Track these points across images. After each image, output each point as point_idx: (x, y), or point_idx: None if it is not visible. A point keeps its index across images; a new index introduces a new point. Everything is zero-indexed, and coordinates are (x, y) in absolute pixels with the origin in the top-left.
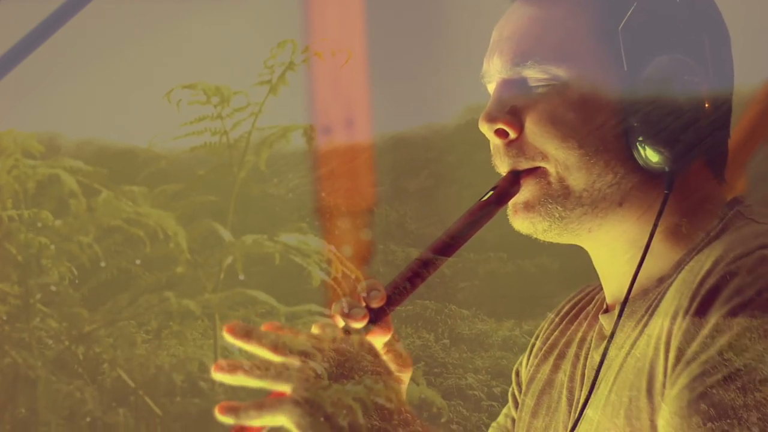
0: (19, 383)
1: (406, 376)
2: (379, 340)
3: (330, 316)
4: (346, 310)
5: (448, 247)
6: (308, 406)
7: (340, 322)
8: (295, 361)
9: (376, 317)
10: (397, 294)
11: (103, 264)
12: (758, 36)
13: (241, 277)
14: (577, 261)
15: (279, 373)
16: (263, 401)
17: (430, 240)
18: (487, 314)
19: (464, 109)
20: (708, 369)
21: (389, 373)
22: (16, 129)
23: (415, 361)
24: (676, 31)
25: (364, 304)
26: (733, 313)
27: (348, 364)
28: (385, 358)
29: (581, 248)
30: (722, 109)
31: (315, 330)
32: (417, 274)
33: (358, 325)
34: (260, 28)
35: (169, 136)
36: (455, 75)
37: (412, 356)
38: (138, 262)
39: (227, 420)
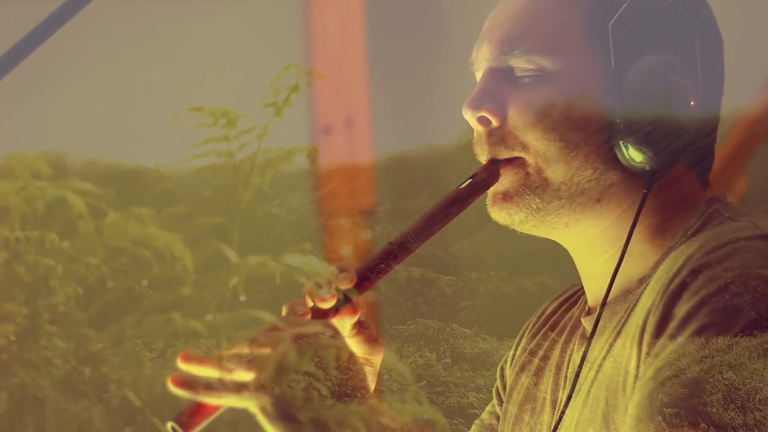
0: (27, 403)
1: (377, 360)
2: (347, 321)
3: (302, 300)
4: (314, 291)
5: (425, 231)
6: (313, 425)
7: (310, 302)
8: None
9: (345, 298)
10: (370, 275)
11: (110, 285)
12: (757, 40)
13: (242, 298)
14: (579, 280)
15: (251, 360)
16: (229, 382)
17: (431, 259)
18: (488, 333)
19: (465, 129)
20: (696, 384)
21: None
22: (22, 148)
23: (417, 381)
24: (666, 32)
25: (333, 286)
26: (700, 304)
27: (351, 383)
28: (356, 340)
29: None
30: (710, 111)
31: (285, 310)
32: (390, 257)
33: (326, 305)
34: (260, 30)
35: (175, 157)
36: (455, 93)
37: (415, 375)
38: (145, 282)
39: (183, 393)
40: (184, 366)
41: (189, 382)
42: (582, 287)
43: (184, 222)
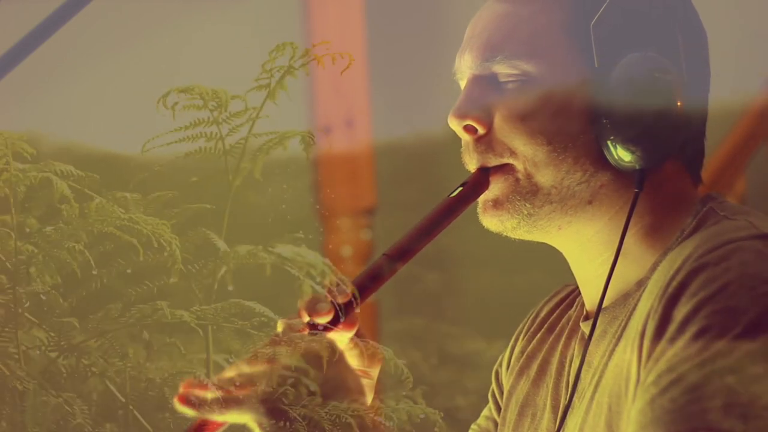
0: (6, 394)
1: (375, 372)
2: (344, 336)
3: (297, 314)
4: (311, 306)
5: (416, 242)
6: (306, 422)
7: (306, 317)
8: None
9: (341, 313)
10: (363, 290)
11: (95, 272)
12: (756, 40)
13: (230, 287)
14: (572, 277)
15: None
16: (229, 397)
17: (417, 254)
18: (477, 333)
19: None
20: (695, 389)
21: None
22: (6, 130)
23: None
24: (648, 29)
25: (329, 300)
26: (699, 306)
27: (331, 383)
28: (354, 353)
29: None
30: (696, 107)
31: (280, 326)
32: (384, 269)
33: (323, 320)
34: (260, 31)
35: (162, 141)
36: (457, 92)
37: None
38: (129, 270)
39: (187, 411)
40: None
41: (194, 401)
42: (577, 287)
43: (170, 208)
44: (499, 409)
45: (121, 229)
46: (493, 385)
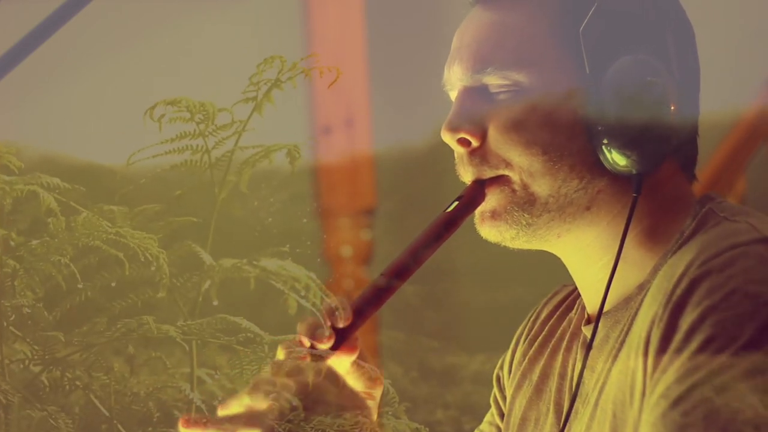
0: None
1: (377, 393)
2: (345, 360)
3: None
4: (311, 332)
5: (413, 259)
6: None
7: (307, 343)
8: (263, 401)
9: (342, 337)
10: (362, 313)
11: (80, 285)
12: (756, 41)
13: (215, 302)
14: (556, 287)
15: (251, 417)
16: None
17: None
18: (458, 347)
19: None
20: (686, 394)
21: (357, 406)
22: None
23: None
24: (638, 32)
25: (329, 324)
26: (704, 315)
27: (311, 397)
28: (356, 376)
29: (558, 279)
30: (689, 107)
31: (281, 353)
32: (383, 289)
33: (323, 346)
34: (260, 31)
35: (149, 153)
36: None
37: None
38: (113, 284)
39: None
40: (185, 431)
41: None
42: (575, 288)
43: (155, 221)
44: (501, 414)
45: (107, 243)
46: (495, 390)
